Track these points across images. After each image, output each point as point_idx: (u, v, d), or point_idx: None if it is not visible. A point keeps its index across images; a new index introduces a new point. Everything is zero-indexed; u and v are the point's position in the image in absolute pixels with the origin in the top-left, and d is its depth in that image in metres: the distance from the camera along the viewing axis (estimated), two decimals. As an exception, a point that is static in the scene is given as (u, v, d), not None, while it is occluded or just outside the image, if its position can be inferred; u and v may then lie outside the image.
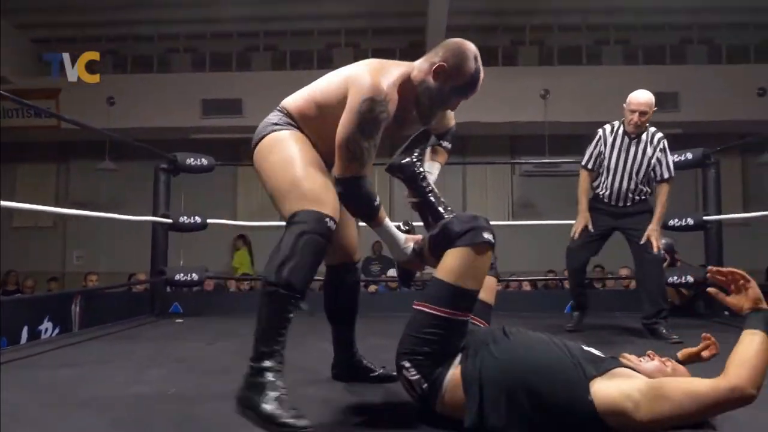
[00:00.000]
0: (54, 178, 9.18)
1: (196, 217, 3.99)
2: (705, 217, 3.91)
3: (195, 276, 3.97)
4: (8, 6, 7.39)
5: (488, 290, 1.74)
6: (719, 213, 4.00)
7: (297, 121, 1.64)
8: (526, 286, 6.22)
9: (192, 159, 3.99)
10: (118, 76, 7.99)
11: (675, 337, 2.80)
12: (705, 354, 1.52)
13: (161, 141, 6.96)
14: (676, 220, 3.95)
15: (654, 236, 2.93)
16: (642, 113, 2.88)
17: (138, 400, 1.75)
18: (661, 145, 2.96)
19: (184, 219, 3.96)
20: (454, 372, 1.41)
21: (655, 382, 1.27)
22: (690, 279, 3.83)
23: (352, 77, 1.54)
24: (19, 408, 1.63)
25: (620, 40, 8.21)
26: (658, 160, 2.96)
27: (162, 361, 2.37)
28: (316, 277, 1.57)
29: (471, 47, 1.60)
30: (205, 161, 4.04)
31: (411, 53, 7.94)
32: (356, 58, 7.24)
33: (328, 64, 8.06)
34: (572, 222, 3.42)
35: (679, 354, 1.56)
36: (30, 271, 7.64)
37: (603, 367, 1.32)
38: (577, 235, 3.08)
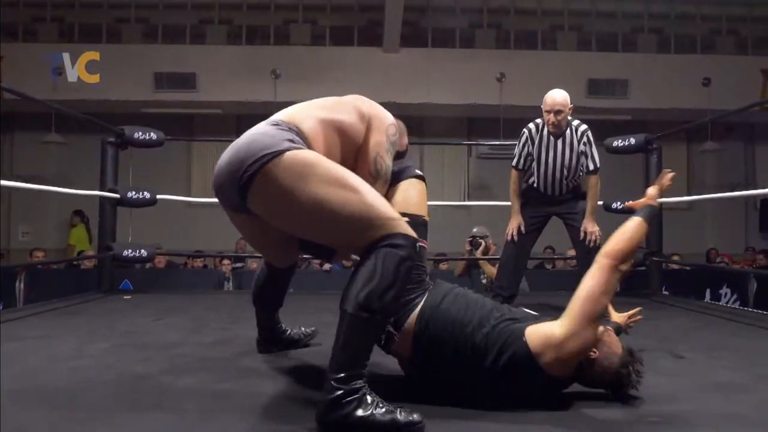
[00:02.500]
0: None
1: (145, 193, 3.93)
2: (645, 201, 4.10)
3: (144, 252, 3.92)
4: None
5: None
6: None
7: (309, 142, 1.53)
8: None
9: (140, 133, 3.91)
10: (65, 44, 7.65)
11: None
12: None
13: (112, 114, 6.74)
14: (618, 203, 4.13)
15: (590, 229, 3.02)
16: (557, 112, 2.92)
17: (77, 372, 1.76)
18: (585, 138, 3.01)
19: (132, 194, 3.89)
20: (412, 315, 1.49)
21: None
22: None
23: (369, 112, 1.71)
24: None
25: (574, 26, 8.38)
26: (584, 153, 3.02)
27: (106, 336, 2.36)
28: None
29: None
30: (154, 135, 3.97)
31: (369, 31, 7.91)
32: (314, 36, 7.19)
33: (284, 40, 7.95)
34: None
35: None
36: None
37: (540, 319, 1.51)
38: (509, 236, 3.10)
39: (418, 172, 1.79)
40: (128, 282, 5.09)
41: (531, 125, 3.09)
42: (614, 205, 4.12)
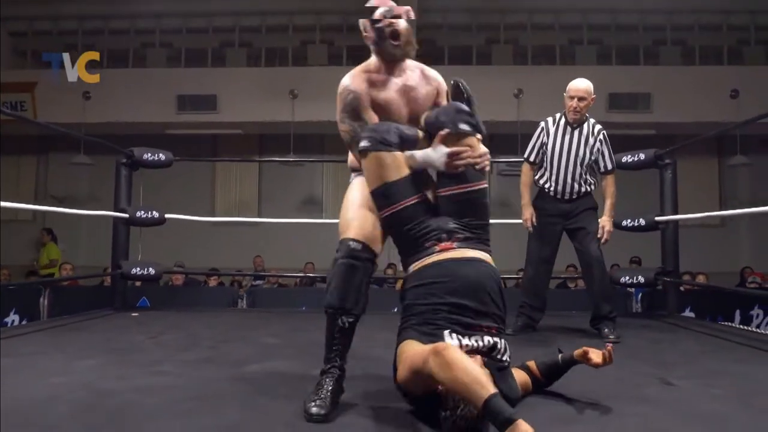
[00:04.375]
0: (34, 171, 9.20)
1: (154, 212, 4.03)
2: (657, 218, 3.92)
3: (152, 270, 4.01)
4: (-17, -1, 7.39)
5: None
6: (675, 213, 4.01)
7: None
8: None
9: (149, 154, 4.03)
10: (95, 70, 7.99)
11: (612, 337, 2.86)
12: (596, 362, 1.64)
13: (138, 135, 6.99)
14: (629, 220, 3.99)
15: (607, 227, 3.00)
16: (580, 98, 2.95)
17: (49, 389, 1.80)
18: (600, 136, 3.02)
19: (141, 214, 4.00)
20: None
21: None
22: (641, 279, 3.90)
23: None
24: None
25: (594, 40, 8.28)
26: (601, 152, 3.02)
27: (96, 353, 2.42)
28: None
29: None
30: (162, 156, 4.07)
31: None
32: (331, 56, 7.32)
33: (302, 61, 8.11)
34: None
35: (576, 352, 1.69)
36: (9, 264, 7.65)
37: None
38: (529, 224, 3.10)
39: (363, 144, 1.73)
40: (146, 299, 5.20)
41: (549, 118, 3.12)
42: (625, 223, 3.99)
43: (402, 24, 1.78)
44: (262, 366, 2.18)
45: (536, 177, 3.15)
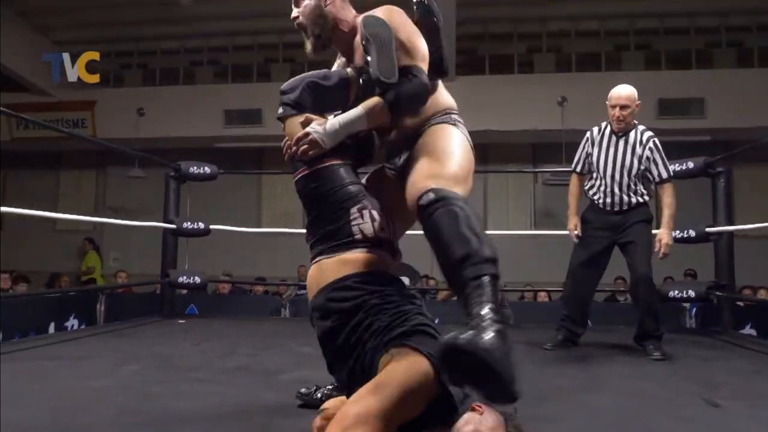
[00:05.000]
0: (94, 184, 9.69)
1: (200, 223, 4.18)
2: (708, 229, 3.75)
3: (198, 279, 4.15)
4: (47, 23, 7.88)
5: None
6: (730, 224, 3.82)
7: None
8: (543, 297, 6.17)
9: (195, 167, 4.18)
10: (147, 88, 8.41)
11: (657, 354, 2.74)
12: None
13: (189, 149, 7.30)
14: (678, 231, 3.81)
15: (664, 240, 2.84)
16: (623, 107, 2.85)
17: (92, 392, 1.90)
18: (650, 144, 2.88)
19: (187, 225, 4.15)
20: None
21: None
22: (692, 294, 3.73)
23: None
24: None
25: (641, 44, 8.04)
26: (653, 161, 2.88)
27: (140, 359, 2.52)
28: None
29: None
30: (208, 169, 4.23)
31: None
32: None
33: (345, 73, 8.26)
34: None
35: None
36: (69, 272, 8.08)
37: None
38: (573, 235, 3.02)
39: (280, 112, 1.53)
40: (194, 307, 5.38)
41: (594, 127, 3.05)
42: (673, 234, 3.81)
43: (294, 17, 1.60)
44: (293, 375, 2.21)
45: (586, 188, 3.05)
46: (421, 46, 1.48)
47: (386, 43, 1.40)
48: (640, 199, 2.92)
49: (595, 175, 2.97)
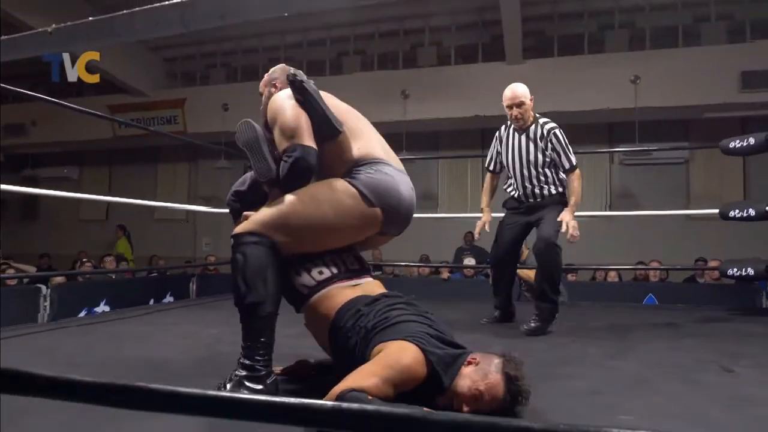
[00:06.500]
0: (186, 176, 10.59)
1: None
2: (768, 208, 3.66)
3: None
4: (143, 31, 8.64)
5: None
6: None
7: None
8: (613, 277, 6.12)
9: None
10: (231, 85, 9.04)
11: (531, 325, 2.77)
12: None
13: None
14: (737, 210, 3.74)
15: (566, 218, 2.78)
16: (519, 105, 2.88)
17: (177, 348, 2.31)
18: (551, 137, 2.87)
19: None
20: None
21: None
22: (750, 272, 3.65)
23: None
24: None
25: (722, 15, 7.56)
26: (556, 152, 2.88)
27: (218, 325, 2.91)
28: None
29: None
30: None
31: (493, 46, 8.04)
32: (439, 56, 7.57)
33: (412, 63, 8.46)
34: (669, 212, 3.62)
35: None
36: (168, 255, 8.94)
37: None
38: (477, 234, 3.14)
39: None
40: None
41: (501, 126, 3.10)
42: (732, 213, 3.74)
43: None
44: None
45: (505, 186, 3.15)
46: (299, 123, 1.67)
47: (256, 147, 1.68)
48: (553, 190, 2.93)
49: (508, 173, 3.06)
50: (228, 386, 1.55)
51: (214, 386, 1.58)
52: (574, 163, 2.90)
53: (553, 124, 2.93)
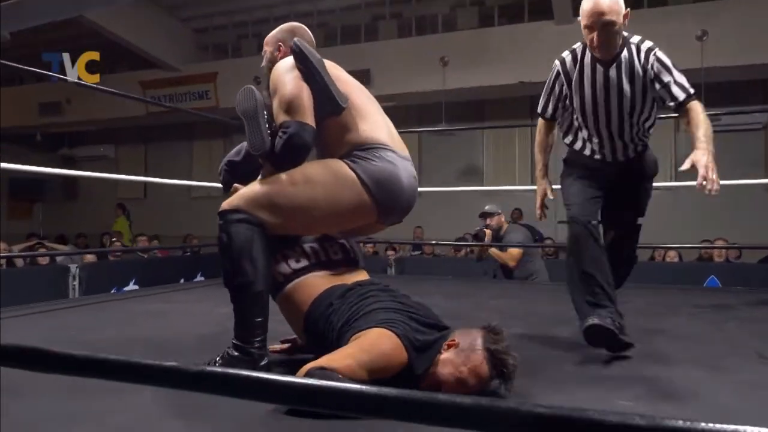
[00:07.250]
0: (221, 153, 10.43)
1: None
2: None
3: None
4: (172, 2, 8.46)
5: None
6: None
7: None
8: (672, 257, 5.55)
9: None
10: (255, 57, 8.73)
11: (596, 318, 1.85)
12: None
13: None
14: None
15: (702, 162, 1.69)
16: (605, 25, 1.84)
17: (188, 325, 2.26)
18: (653, 62, 1.88)
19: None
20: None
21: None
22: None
23: None
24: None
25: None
26: (663, 84, 1.87)
27: (211, 311, 2.68)
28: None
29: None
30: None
31: (540, 4, 7.43)
32: (481, 18, 7.00)
33: (452, 26, 7.94)
34: (744, 182, 3.26)
35: None
36: (202, 234, 8.82)
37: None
38: (538, 212, 2.21)
39: None
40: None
41: (565, 54, 2.04)
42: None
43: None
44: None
45: (567, 141, 2.14)
46: (299, 97, 1.55)
47: (253, 117, 1.56)
48: (649, 144, 2.09)
49: (578, 124, 2.03)
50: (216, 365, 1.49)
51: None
52: (692, 91, 1.88)
53: (649, 43, 1.93)
